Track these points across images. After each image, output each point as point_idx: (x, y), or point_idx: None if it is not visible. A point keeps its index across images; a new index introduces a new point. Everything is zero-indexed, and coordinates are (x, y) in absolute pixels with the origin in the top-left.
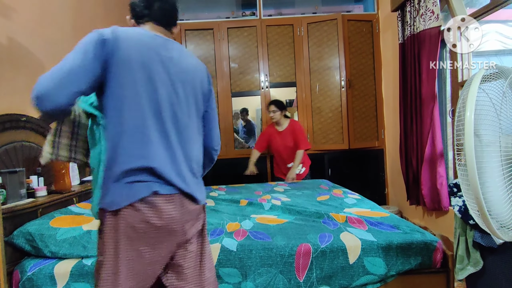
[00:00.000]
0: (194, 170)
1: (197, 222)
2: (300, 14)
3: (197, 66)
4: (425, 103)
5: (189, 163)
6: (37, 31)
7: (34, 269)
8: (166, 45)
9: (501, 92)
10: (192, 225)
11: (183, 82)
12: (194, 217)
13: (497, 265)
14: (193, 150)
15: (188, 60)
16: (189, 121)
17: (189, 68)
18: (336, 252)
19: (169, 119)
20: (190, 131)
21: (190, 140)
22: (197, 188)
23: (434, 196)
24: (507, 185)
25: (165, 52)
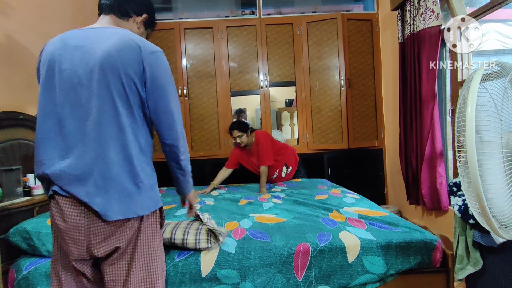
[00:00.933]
0: (99, 176)
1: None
2: (300, 13)
3: (121, 48)
4: (425, 103)
5: (96, 168)
6: (36, 29)
7: (30, 268)
8: (83, 34)
9: (502, 88)
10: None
11: (100, 70)
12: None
13: (497, 264)
14: (107, 151)
15: (110, 43)
16: (104, 116)
17: (107, 52)
18: (335, 251)
19: (70, 119)
20: (104, 127)
21: (101, 139)
22: (108, 199)
23: (434, 196)
24: (508, 183)
25: (75, 42)
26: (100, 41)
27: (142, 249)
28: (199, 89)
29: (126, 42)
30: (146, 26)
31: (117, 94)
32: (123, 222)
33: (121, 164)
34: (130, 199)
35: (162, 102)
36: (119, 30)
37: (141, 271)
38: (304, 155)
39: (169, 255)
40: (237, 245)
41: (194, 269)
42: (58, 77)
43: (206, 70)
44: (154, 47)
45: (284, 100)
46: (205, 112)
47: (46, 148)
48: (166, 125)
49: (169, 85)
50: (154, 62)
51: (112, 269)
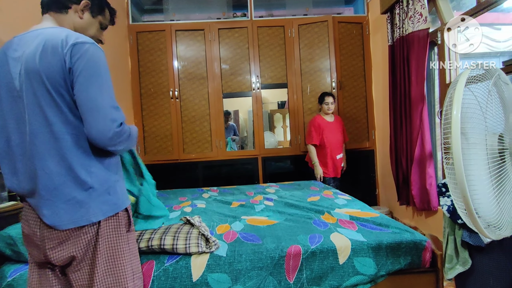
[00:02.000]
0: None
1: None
2: (291, 15)
3: (42, 50)
4: (414, 104)
5: (40, 180)
6: (21, 30)
7: (15, 275)
8: (19, 42)
9: (487, 91)
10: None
11: (27, 78)
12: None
13: (484, 264)
14: (46, 162)
15: (32, 47)
16: (35, 127)
17: (30, 58)
18: (326, 253)
19: (14, 133)
20: (38, 139)
21: (38, 151)
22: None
23: (424, 196)
24: (493, 184)
25: (13, 53)
26: (27, 46)
27: (103, 254)
28: (191, 91)
29: (47, 41)
30: (93, 14)
31: (45, 102)
32: (76, 230)
33: (64, 173)
34: (81, 207)
35: (82, 96)
36: (45, 30)
37: (107, 276)
38: (296, 157)
39: (159, 259)
40: (228, 248)
41: (185, 273)
42: (2, 91)
43: (197, 72)
44: (77, 39)
45: (276, 102)
46: (196, 114)
47: (2, 163)
48: (91, 122)
49: (92, 77)
50: (75, 54)
51: (76, 276)
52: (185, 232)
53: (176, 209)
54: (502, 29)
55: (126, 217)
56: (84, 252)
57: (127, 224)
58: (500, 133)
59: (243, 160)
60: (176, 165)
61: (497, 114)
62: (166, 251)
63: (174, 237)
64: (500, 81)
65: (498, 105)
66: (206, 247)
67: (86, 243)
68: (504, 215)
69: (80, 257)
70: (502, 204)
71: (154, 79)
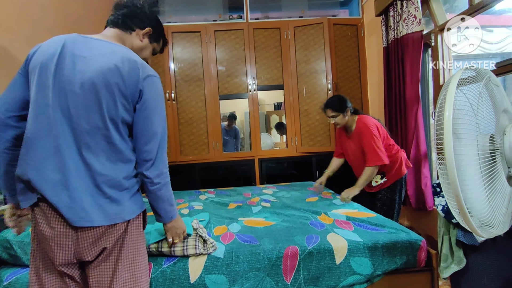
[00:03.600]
0: (99, 185)
1: (98, 243)
2: (287, 17)
3: (121, 67)
4: (409, 106)
5: (83, 175)
6: (17, 31)
7: (11, 278)
8: (85, 44)
9: (478, 93)
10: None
11: (94, 83)
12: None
13: (479, 262)
14: (96, 162)
15: (110, 59)
16: (92, 127)
17: (109, 68)
18: (323, 253)
19: (60, 123)
20: (91, 138)
21: (88, 149)
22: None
23: (419, 196)
24: (485, 184)
25: (79, 51)
26: (101, 55)
27: (127, 250)
28: (187, 93)
29: (126, 61)
30: (151, 40)
31: (107, 110)
32: (110, 227)
33: (107, 173)
34: (117, 206)
35: (146, 122)
36: (121, 48)
37: (126, 271)
38: (293, 158)
39: (157, 261)
40: (226, 250)
41: (182, 275)
42: (54, 80)
43: (194, 73)
44: (150, 71)
45: (272, 103)
46: (193, 116)
47: (34, 147)
48: (146, 156)
49: (157, 108)
50: (148, 85)
51: (97, 271)
52: None
53: None
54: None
55: (143, 217)
56: (113, 246)
57: (143, 224)
58: (491, 134)
59: (240, 161)
60: (173, 167)
61: (488, 115)
62: (163, 253)
63: None
64: (490, 83)
65: (489, 107)
66: (203, 249)
67: (117, 238)
68: (496, 214)
69: (109, 250)
70: (493, 203)
71: None
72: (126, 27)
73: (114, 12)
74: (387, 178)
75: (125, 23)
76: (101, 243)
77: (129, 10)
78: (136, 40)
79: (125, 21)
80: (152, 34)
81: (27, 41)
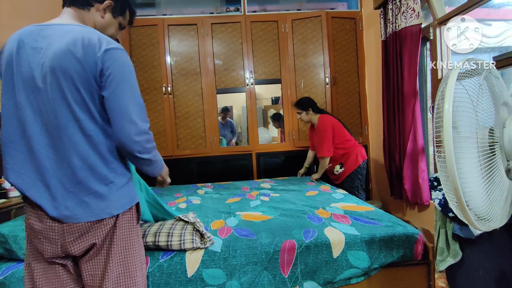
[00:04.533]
0: (66, 181)
1: (84, 238)
2: (285, 10)
3: (74, 48)
4: (407, 100)
5: (62, 172)
6: (9, 25)
7: (7, 273)
8: (40, 33)
9: (478, 85)
10: (78, 240)
11: (52, 73)
12: (81, 232)
13: (474, 256)
14: (74, 157)
15: (63, 42)
16: (62, 121)
17: (59, 53)
18: (320, 247)
19: (32, 123)
20: (64, 133)
21: (63, 144)
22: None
23: (416, 190)
24: (483, 177)
25: (32, 43)
26: (54, 41)
27: (118, 244)
28: (184, 87)
29: (79, 40)
30: (114, 14)
31: (73, 98)
32: (97, 222)
33: (87, 168)
34: (102, 200)
35: (114, 101)
36: (75, 27)
37: (118, 265)
38: (291, 153)
39: (154, 255)
40: (223, 244)
41: (179, 269)
42: (17, 79)
43: (190, 67)
44: (109, 44)
45: (270, 97)
46: (190, 110)
47: (10, 151)
48: (120, 127)
49: (123, 83)
50: (108, 59)
51: (89, 265)
52: (180, 228)
53: (171, 205)
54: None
55: (136, 210)
56: (102, 241)
57: (137, 217)
58: (491, 127)
59: (237, 156)
60: (170, 161)
61: (487, 108)
62: (160, 247)
63: (168, 234)
64: (490, 76)
65: (488, 100)
66: (201, 243)
67: (106, 233)
68: (494, 207)
69: (98, 246)
70: (492, 196)
71: (146, 74)
72: (82, 3)
73: None
74: (345, 168)
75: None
76: (88, 239)
77: None
78: (97, 17)
79: None
80: (114, 7)
81: None
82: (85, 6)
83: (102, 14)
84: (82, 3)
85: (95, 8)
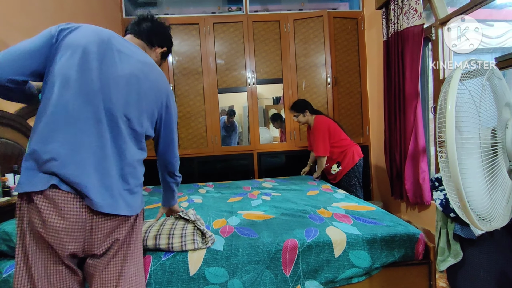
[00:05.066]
0: (126, 175)
1: (112, 235)
2: (287, 10)
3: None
4: (408, 100)
5: (107, 166)
6: (15, 23)
7: (11, 271)
8: (124, 42)
9: (481, 86)
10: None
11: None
12: (110, 228)
13: (475, 256)
14: (126, 150)
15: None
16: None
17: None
18: (322, 246)
19: (101, 109)
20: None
21: (111, 142)
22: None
23: (417, 191)
24: (485, 177)
25: (118, 46)
26: (138, 55)
27: (134, 244)
28: (186, 87)
29: (159, 73)
30: (163, 58)
31: (145, 105)
32: (125, 218)
33: (125, 167)
34: (134, 198)
35: (169, 135)
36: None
37: (132, 265)
38: (292, 152)
39: (156, 254)
40: (225, 243)
41: (182, 268)
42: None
43: (192, 67)
44: (170, 87)
45: (271, 97)
46: (191, 110)
47: (71, 127)
48: (171, 152)
49: (175, 122)
50: (170, 98)
51: (108, 265)
52: (180, 229)
53: None
54: (494, 25)
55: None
56: (124, 238)
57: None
58: (493, 128)
59: (239, 155)
60: None
61: (490, 109)
62: (161, 249)
63: (169, 236)
64: (493, 76)
65: (491, 100)
66: (202, 243)
67: (127, 231)
68: (496, 207)
69: (121, 242)
70: (494, 196)
71: None
72: (149, 42)
73: (139, 23)
74: (342, 166)
75: (149, 38)
76: (114, 235)
77: (154, 26)
78: (153, 55)
79: (150, 36)
80: (165, 53)
81: (25, 33)
82: (149, 44)
83: (157, 56)
84: (149, 41)
85: (154, 49)
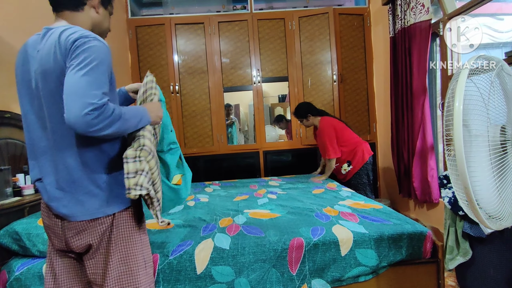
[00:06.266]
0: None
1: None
2: (291, 8)
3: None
4: (416, 97)
5: (62, 172)
6: (19, 25)
7: (22, 269)
8: (37, 41)
9: (489, 82)
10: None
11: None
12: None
13: (485, 254)
14: (65, 156)
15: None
16: (59, 124)
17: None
18: (328, 245)
19: (36, 126)
20: (60, 135)
21: (58, 146)
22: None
23: (425, 188)
24: (495, 175)
25: (32, 52)
26: (42, 47)
27: (117, 244)
28: (191, 86)
29: (55, 41)
30: (105, 5)
31: (61, 100)
32: (92, 221)
33: (81, 168)
34: (96, 199)
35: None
36: (57, 29)
37: (119, 265)
38: (298, 150)
39: (163, 252)
40: (232, 241)
41: (189, 266)
42: (23, 89)
43: (198, 66)
44: (81, 34)
45: (277, 95)
46: (197, 109)
47: (30, 157)
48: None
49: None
50: (76, 46)
51: (91, 263)
52: None
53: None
54: (504, 19)
55: (138, 209)
56: (99, 241)
57: (139, 216)
58: (503, 125)
59: (245, 154)
60: None
61: (499, 106)
62: None
63: None
64: (503, 72)
65: (500, 97)
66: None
67: (102, 233)
68: (505, 205)
69: (96, 246)
70: (503, 194)
71: (154, 73)
72: (75, 4)
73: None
74: (353, 165)
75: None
76: (85, 238)
77: None
78: (93, 13)
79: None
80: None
81: (26, 34)
82: (78, 7)
83: (97, 10)
84: (74, 4)
85: (88, 6)
